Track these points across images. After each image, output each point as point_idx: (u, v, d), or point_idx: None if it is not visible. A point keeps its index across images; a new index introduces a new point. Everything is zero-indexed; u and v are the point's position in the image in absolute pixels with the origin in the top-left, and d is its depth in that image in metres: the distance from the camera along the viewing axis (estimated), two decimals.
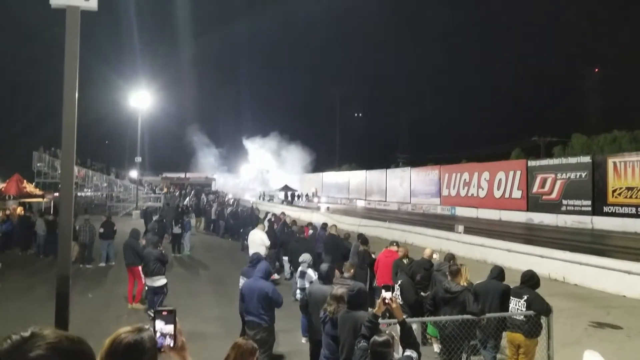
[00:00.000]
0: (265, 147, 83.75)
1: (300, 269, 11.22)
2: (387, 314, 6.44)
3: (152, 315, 2.20)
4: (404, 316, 4.79)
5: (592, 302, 13.68)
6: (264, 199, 65.81)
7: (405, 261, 11.04)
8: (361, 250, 12.79)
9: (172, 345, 2.12)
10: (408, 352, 4.47)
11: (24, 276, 16.69)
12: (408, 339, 4.59)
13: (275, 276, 16.51)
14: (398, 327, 4.67)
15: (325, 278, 7.65)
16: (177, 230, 22.02)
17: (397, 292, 8.84)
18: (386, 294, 4.51)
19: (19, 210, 25.00)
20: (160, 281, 11.54)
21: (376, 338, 4.39)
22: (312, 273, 10.61)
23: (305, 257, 11.23)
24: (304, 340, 9.28)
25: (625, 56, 75.75)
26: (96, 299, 13.42)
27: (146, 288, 12.12)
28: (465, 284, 7.92)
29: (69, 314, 4.50)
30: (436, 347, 8.86)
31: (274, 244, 16.91)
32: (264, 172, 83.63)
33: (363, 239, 13.35)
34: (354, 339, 5.28)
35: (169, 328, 2.13)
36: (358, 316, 5.56)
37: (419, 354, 4.56)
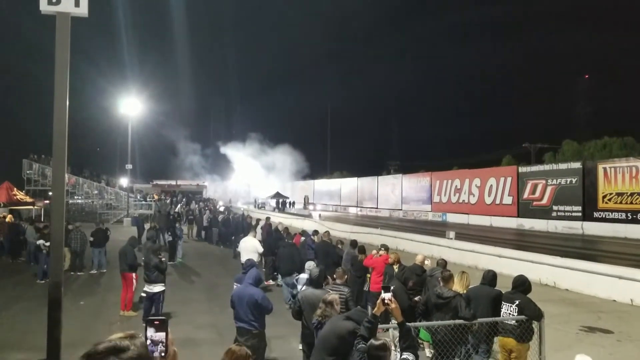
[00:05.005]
0: (256, 155, 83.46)
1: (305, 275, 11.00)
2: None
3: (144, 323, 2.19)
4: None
5: (583, 307, 13.73)
6: (256, 206, 65.69)
7: (395, 267, 11.05)
8: (356, 257, 12.76)
9: (163, 354, 2.11)
10: (405, 355, 4.45)
11: (15, 284, 16.58)
12: (407, 341, 4.57)
13: (271, 282, 16.47)
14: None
15: (317, 283, 7.66)
16: (168, 237, 21.96)
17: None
18: (385, 295, 4.47)
19: (9, 218, 24.82)
20: (157, 288, 11.48)
21: (373, 342, 4.38)
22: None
23: (310, 264, 11.07)
24: (300, 347, 9.23)
25: (615, 62, 76.40)
26: (88, 306, 13.34)
27: (143, 295, 12.07)
28: (464, 290, 7.93)
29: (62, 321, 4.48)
30: (428, 352, 8.87)
31: (271, 251, 16.87)
32: (252, 180, 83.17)
33: (360, 247, 13.31)
34: (331, 347, 5.31)
35: (161, 336, 2.12)
36: (342, 324, 5.52)
37: (417, 357, 4.54)
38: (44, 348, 4.30)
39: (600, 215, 33.14)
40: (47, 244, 17.65)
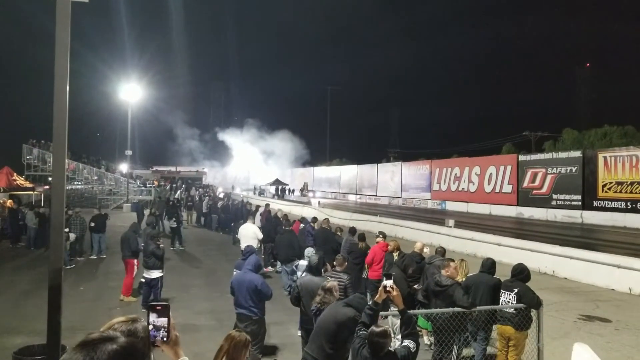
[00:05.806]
0: (254, 141, 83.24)
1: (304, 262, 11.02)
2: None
3: (146, 309, 2.20)
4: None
5: (582, 295, 13.78)
6: (255, 193, 65.72)
7: (395, 255, 11.06)
8: (355, 244, 12.74)
9: (165, 339, 2.12)
10: (406, 342, 4.46)
11: (15, 269, 16.61)
12: (408, 328, 4.58)
13: (270, 269, 16.49)
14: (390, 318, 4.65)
15: (316, 270, 7.68)
16: (172, 224, 21.96)
17: None
18: (387, 282, 4.47)
19: (9, 203, 24.82)
20: (155, 274, 11.51)
21: (374, 329, 4.39)
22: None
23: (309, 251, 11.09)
24: (299, 333, 9.25)
25: (616, 51, 76.15)
26: (88, 292, 13.37)
27: (142, 280, 12.10)
28: (463, 278, 7.96)
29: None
30: (426, 339, 8.90)
31: (270, 238, 16.85)
32: (251, 166, 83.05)
33: (359, 235, 13.29)
34: (330, 333, 5.32)
35: (163, 321, 2.12)
36: (342, 311, 5.55)
37: (418, 344, 4.55)
38: (44, 332, 4.32)
39: (599, 204, 33.17)
40: (66, 230, 17.66)
